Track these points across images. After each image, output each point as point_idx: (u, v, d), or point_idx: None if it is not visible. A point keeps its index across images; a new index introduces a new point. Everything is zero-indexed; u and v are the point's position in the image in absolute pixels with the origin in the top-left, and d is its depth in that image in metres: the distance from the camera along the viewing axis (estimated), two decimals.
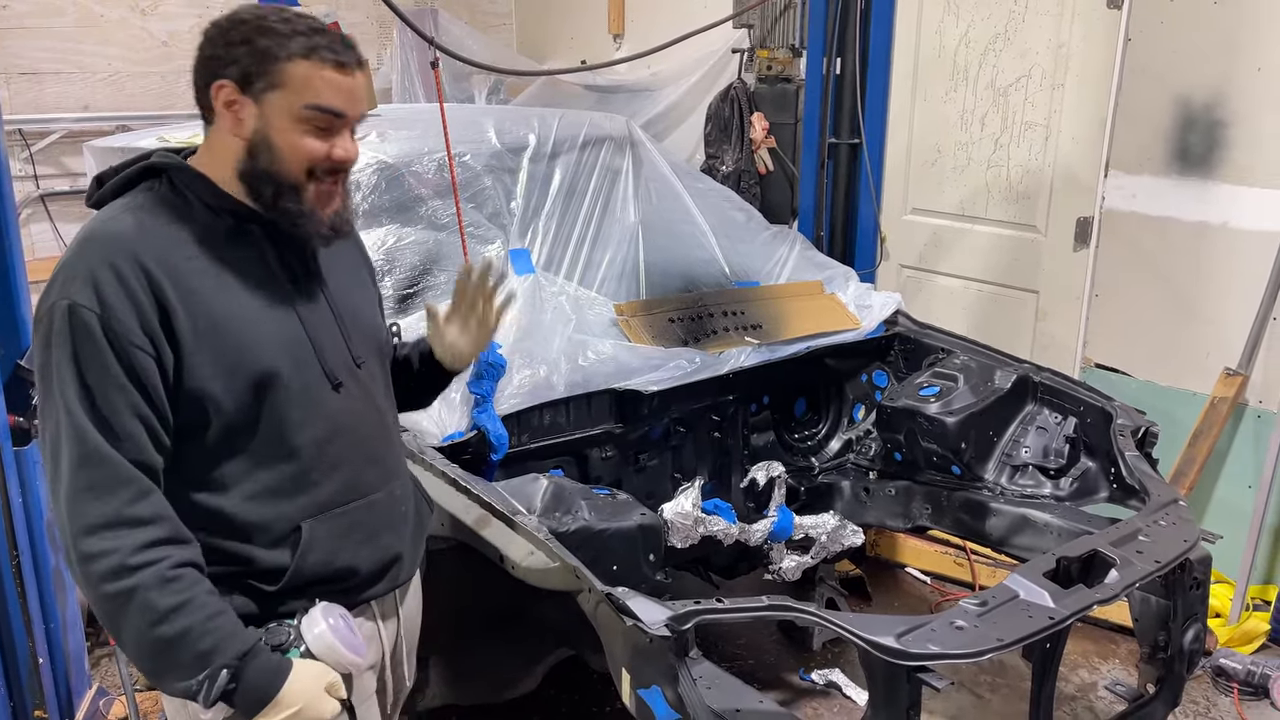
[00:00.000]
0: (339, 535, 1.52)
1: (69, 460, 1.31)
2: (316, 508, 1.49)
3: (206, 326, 1.37)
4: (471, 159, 2.87)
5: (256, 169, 1.41)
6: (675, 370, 2.66)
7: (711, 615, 1.69)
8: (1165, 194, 3.39)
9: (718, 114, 4.62)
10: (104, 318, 1.31)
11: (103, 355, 1.31)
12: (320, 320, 1.51)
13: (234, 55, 1.39)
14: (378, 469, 1.59)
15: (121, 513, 1.31)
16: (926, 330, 3.15)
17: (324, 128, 1.42)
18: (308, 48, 1.40)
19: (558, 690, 2.93)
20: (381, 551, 1.59)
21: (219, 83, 1.39)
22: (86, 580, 1.31)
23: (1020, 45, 3.75)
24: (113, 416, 1.32)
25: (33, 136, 4.52)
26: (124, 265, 1.33)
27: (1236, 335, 3.27)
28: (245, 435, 1.42)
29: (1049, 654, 1.91)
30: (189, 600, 1.33)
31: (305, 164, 1.42)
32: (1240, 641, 3.17)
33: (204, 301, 1.37)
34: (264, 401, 1.42)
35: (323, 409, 1.49)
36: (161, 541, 1.33)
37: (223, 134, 1.42)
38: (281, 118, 1.40)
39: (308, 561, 1.47)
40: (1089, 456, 2.73)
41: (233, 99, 1.40)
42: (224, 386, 1.38)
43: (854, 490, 3.08)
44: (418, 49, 5.08)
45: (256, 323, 1.42)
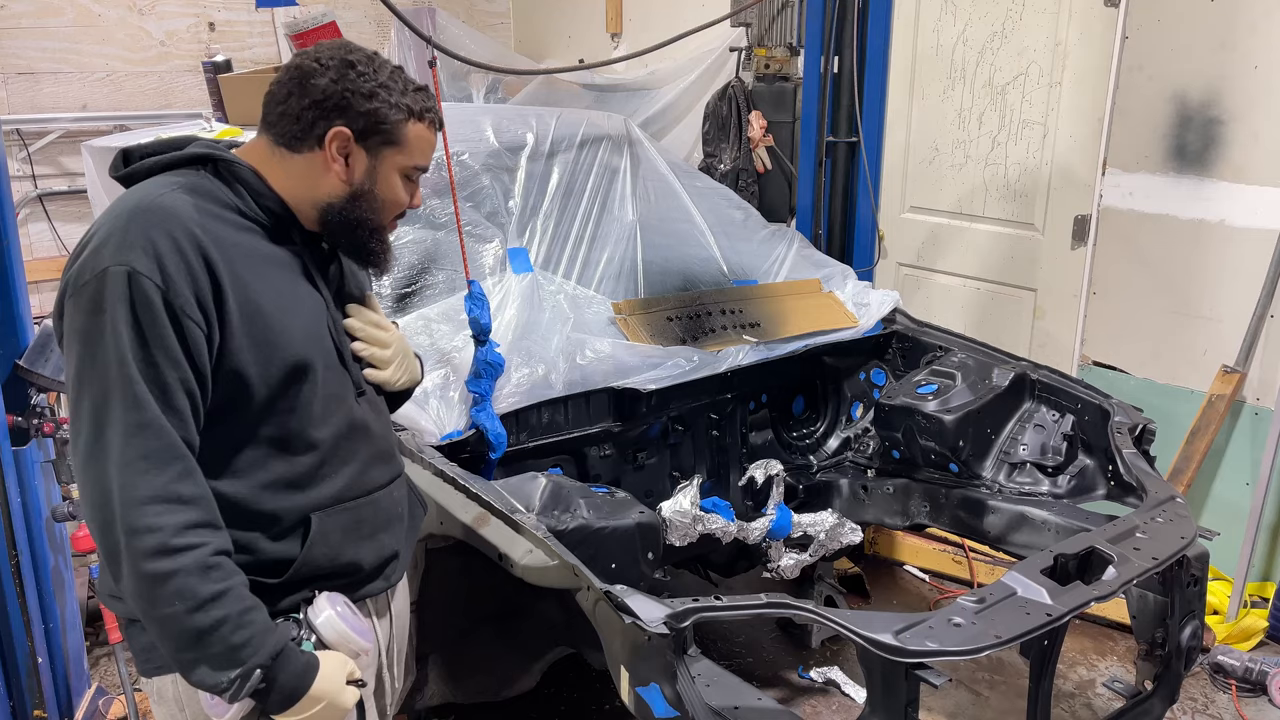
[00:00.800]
0: (345, 529, 1.54)
1: (122, 427, 1.30)
2: (327, 501, 1.51)
3: (251, 311, 1.40)
4: (469, 158, 2.87)
5: (354, 214, 1.50)
6: (673, 369, 2.66)
7: (710, 613, 1.70)
8: (1162, 192, 3.40)
9: (715, 112, 4.62)
10: (165, 289, 1.32)
11: (161, 326, 1.31)
12: (345, 333, 1.59)
13: (357, 106, 1.45)
14: (383, 467, 1.63)
15: (170, 488, 1.31)
16: (924, 328, 3.15)
17: (414, 182, 1.55)
18: (420, 110, 1.50)
19: (557, 688, 2.94)
20: (381, 548, 1.61)
21: (337, 129, 1.45)
22: (129, 553, 1.30)
23: (1018, 43, 3.75)
24: (166, 389, 1.32)
25: (30, 136, 4.52)
26: (182, 239, 1.34)
27: (1234, 333, 3.28)
28: (269, 423, 1.44)
29: (1047, 651, 1.92)
30: (227, 590, 1.33)
31: (395, 213, 1.55)
32: (1238, 638, 3.17)
33: (249, 286, 1.40)
34: (293, 392, 1.45)
35: (344, 406, 1.54)
36: (203, 524, 1.34)
37: (316, 168, 1.47)
38: (391, 173, 1.50)
39: (314, 554, 1.49)
40: (1087, 454, 2.73)
41: (347, 147, 1.46)
42: (259, 372, 1.41)
43: (852, 488, 3.08)
44: (415, 48, 5.08)
45: (294, 316, 1.46)
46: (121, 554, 1.31)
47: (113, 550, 1.32)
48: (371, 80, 1.46)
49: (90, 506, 1.33)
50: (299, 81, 1.46)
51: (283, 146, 1.48)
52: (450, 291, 2.62)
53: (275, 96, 1.48)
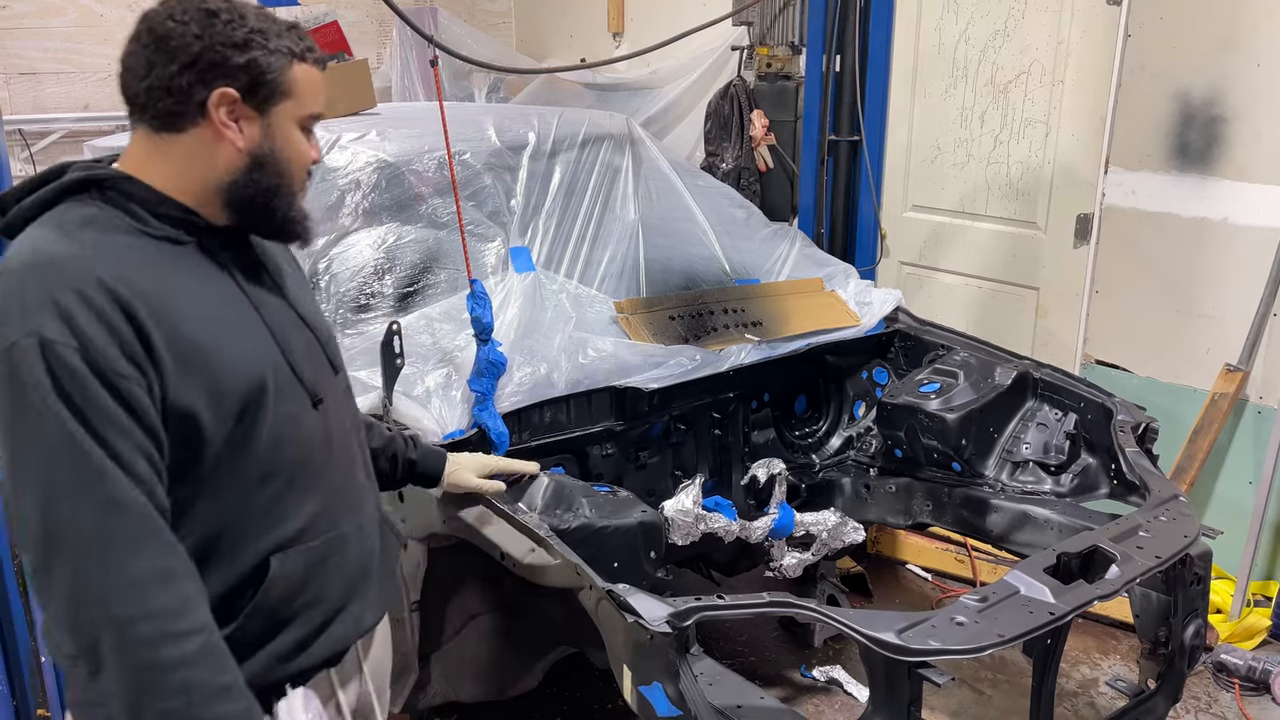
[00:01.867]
0: (309, 570, 1.38)
1: (84, 510, 1.15)
2: (288, 539, 1.36)
3: (185, 348, 1.23)
4: (471, 157, 2.87)
5: (260, 184, 1.32)
6: (675, 368, 2.66)
7: (712, 612, 1.70)
8: (1165, 190, 3.39)
9: (717, 111, 4.62)
10: (84, 351, 1.15)
11: (94, 393, 1.15)
12: (290, 330, 1.40)
13: (234, 60, 1.27)
14: (346, 498, 1.47)
15: (157, 566, 1.18)
16: (927, 327, 3.15)
17: (310, 131, 1.38)
18: (301, 51, 1.32)
19: (559, 687, 2.94)
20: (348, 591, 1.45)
21: (221, 90, 1.26)
22: (121, 647, 1.15)
23: (1020, 42, 3.75)
24: (122, 459, 1.17)
25: (33, 136, 4.52)
26: (89, 289, 1.17)
27: (1237, 331, 3.27)
28: (221, 464, 1.28)
29: (1050, 650, 1.92)
30: (234, 684, 1.22)
31: (303, 171, 1.37)
32: (1241, 637, 3.17)
33: (176, 321, 1.23)
34: (246, 425, 1.29)
35: (301, 429, 1.37)
36: (195, 600, 1.21)
37: (205, 143, 1.28)
38: (288, 128, 1.33)
39: (270, 602, 1.34)
40: (1089, 453, 2.73)
41: (235, 109, 1.28)
42: (212, 413, 1.25)
43: (855, 487, 3.08)
44: (417, 47, 5.08)
45: (233, 340, 1.30)
46: (106, 649, 1.15)
47: (91, 645, 1.16)
48: (242, 26, 1.27)
49: (59, 605, 1.17)
50: (157, 47, 1.25)
51: (165, 131, 1.28)
52: (452, 290, 2.62)
53: (134, 71, 1.27)
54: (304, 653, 1.39)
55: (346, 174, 2.69)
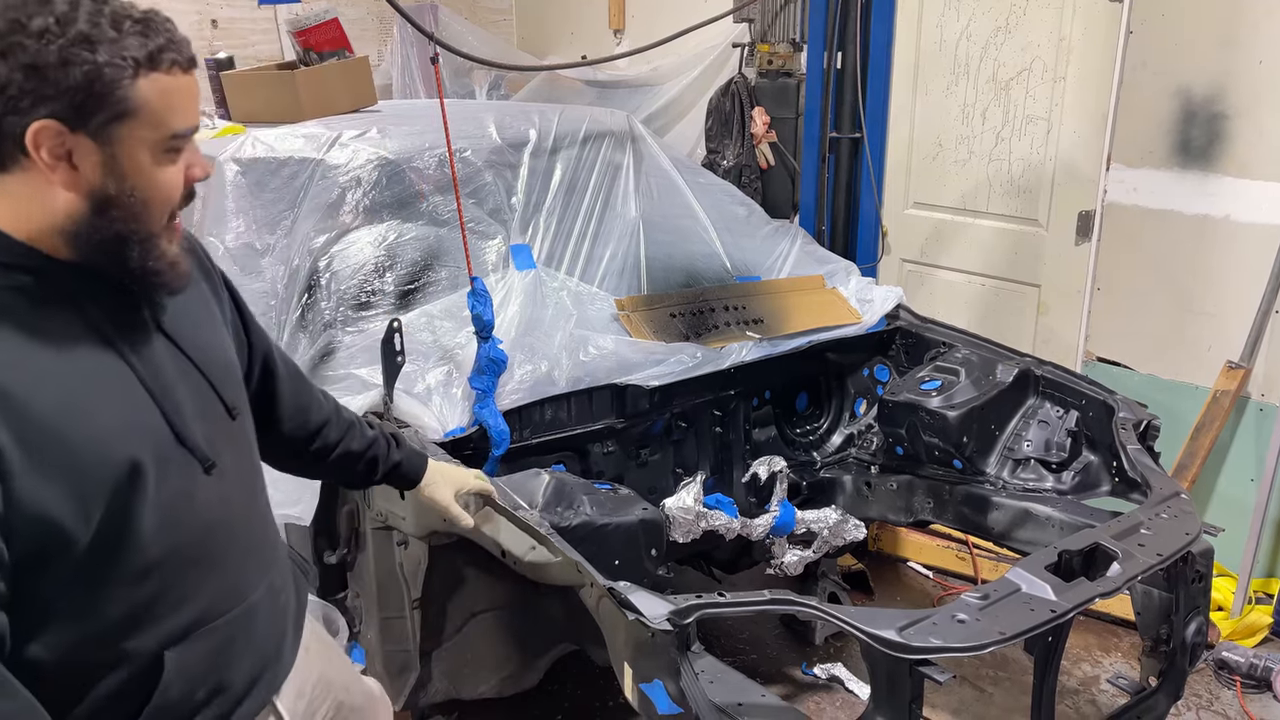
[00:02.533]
0: (211, 654, 1.21)
1: None
2: (183, 629, 1.17)
3: (33, 436, 1.00)
4: (472, 154, 2.87)
5: (108, 231, 1.07)
6: (676, 365, 2.66)
7: (713, 609, 1.70)
8: (1167, 187, 3.39)
9: (718, 109, 4.61)
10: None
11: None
12: (175, 382, 1.17)
13: (51, 82, 1.00)
14: (255, 559, 1.30)
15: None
16: (928, 324, 3.15)
17: (179, 151, 1.11)
18: (148, 54, 1.04)
19: (560, 685, 2.94)
20: (258, 658, 1.30)
21: (37, 125, 1.00)
22: None
23: (1021, 39, 3.74)
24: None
25: None
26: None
27: (1238, 329, 3.27)
28: (92, 557, 1.06)
29: (1051, 647, 1.91)
30: None
31: (169, 206, 1.11)
32: (1243, 635, 3.17)
33: (23, 403, 1.00)
34: (117, 513, 1.08)
35: (195, 505, 1.17)
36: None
37: (36, 185, 1.04)
38: (138, 155, 1.06)
39: (170, 697, 1.16)
40: (1091, 450, 2.72)
41: (62, 142, 1.02)
42: (75, 507, 1.03)
43: (856, 485, 3.08)
44: (418, 45, 5.07)
45: (98, 415, 1.07)
46: None
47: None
48: (59, 37, 0.99)
49: None
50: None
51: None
52: (453, 288, 2.62)
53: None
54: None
55: (347, 171, 2.69)
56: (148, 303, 1.17)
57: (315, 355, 2.42)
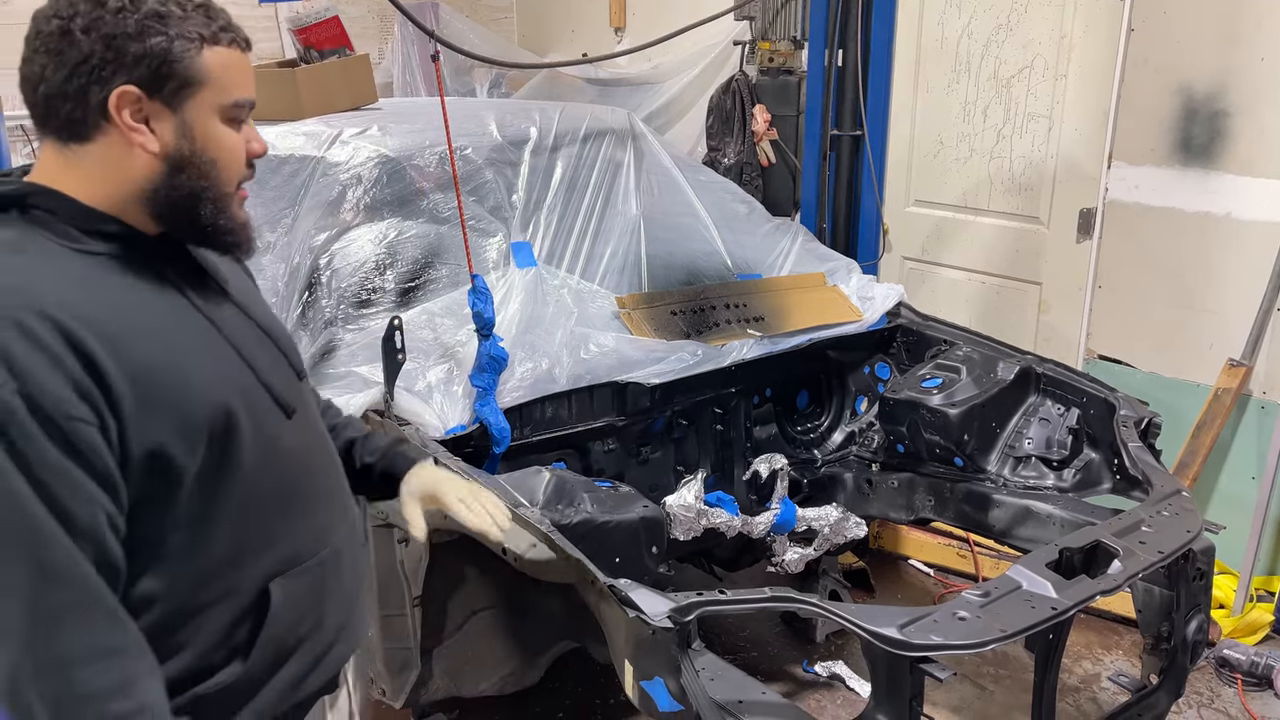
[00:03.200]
0: (307, 592, 1.31)
1: (19, 580, 1.03)
2: (282, 565, 1.27)
3: (141, 376, 1.10)
4: (473, 152, 2.87)
5: (183, 188, 1.18)
6: (677, 363, 2.66)
7: (714, 607, 1.70)
8: (1168, 185, 3.38)
9: (719, 106, 4.61)
10: (25, 393, 1.02)
11: (37, 440, 1.03)
12: (250, 341, 1.28)
13: (131, 52, 1.12)
14: (336, 505, 1.39)
15: (97, 642, 1.06)
16: (929, 322, 3.15)
17: (241, 122, 1.23)
18: (214, 32, 1.18)
19: (561, 682, 2.94)
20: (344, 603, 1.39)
21: (120, 90, 1.12)
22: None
23: (1023, 36, 3.74)
24: (65, 517, 1.04)
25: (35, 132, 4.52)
26: (30, 321, 1.04)
27: (1240, 326, 3.26)
28: (197, 498, 1.17)
29: (1052, 645, 1.92)
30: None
31: (237, 174, 1.23)
32: (1244, 632, 3.17)
33: (130, 347, 1.10)
34: (218, 451, 1.18)
35: (278, 445, 1.27)
36: (141, 676, 1.10)
37: (116, 149, 1.15)
38: (208, 121, 1.18)
39: (277, 631, 1.26)
40: (1092, 448, 2.72)
41: (141, 108, 1.14)
42: (181, 444, 1.13)
43: (856, 482, 3.08)
44: (419, 42, 5.07)
45: (195, 363, 1.18)
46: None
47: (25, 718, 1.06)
48: (134, 12, 1.12)
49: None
50: (46, 48, 1.12)
51: (72, 141, 1.15)
52: (454, 286, 2.62)
53: (29, 79, 1.14)
54: (307, 680, 1.34)
55: (348, 169, 2.69)
56: (214, 274, 1.28)
57: (316, 353, 2.42)
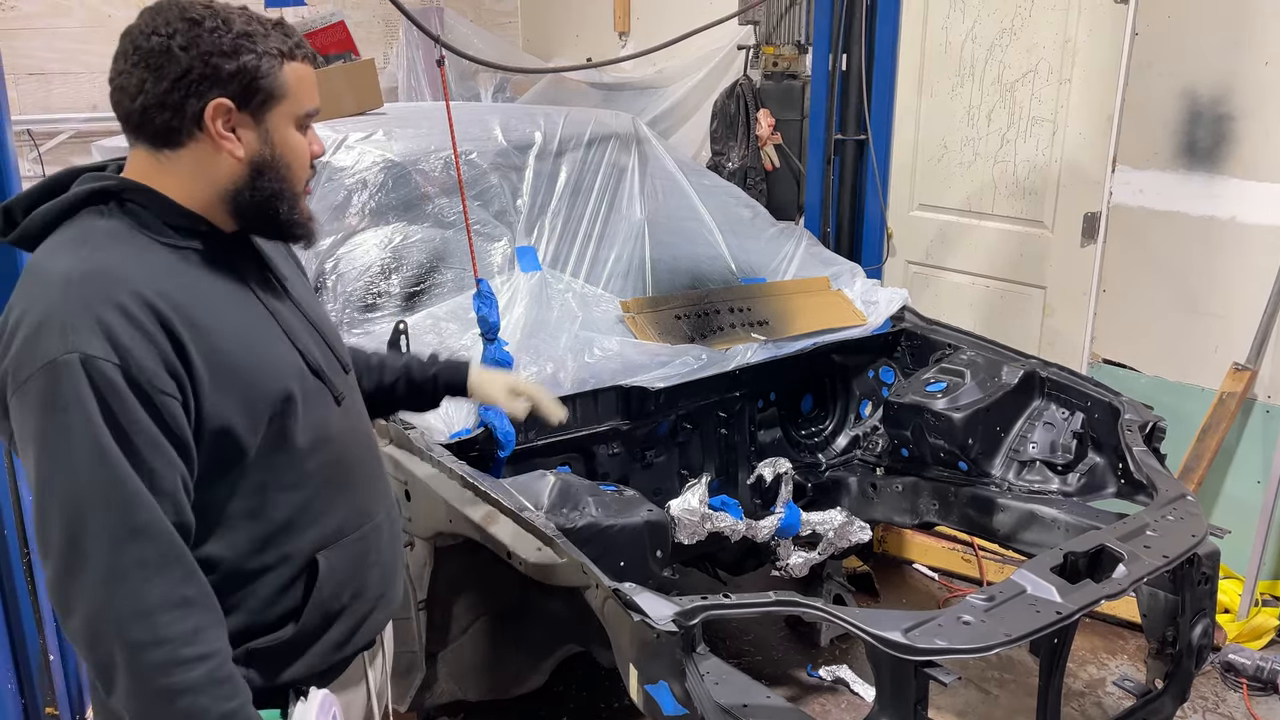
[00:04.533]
0: (351, 562, 1.42)
1: (109, 534, 1.15)
2: (329, 537, 1.39)
3: (218, 360, 1.24)
4: (478, 157, 2.88)
5: (264, 190, 1.31)
6: (682, 367, 2.66)
7: (718, 611, 1.70)
8: (1173, 189, 3.38)
9: (723, 111, 4.61)
10: (125, 367, 1.15)
11: (133, 410, 1.16)
12: (304, 333, 1.41)
13: (225, 69, 1.25)
14: (377, 487, 1.51)
15: (173, 593, 1.18)
16: (933, 326, 3.15)
17: (309, 127, 1.37)
18: (290, 49, 1.31)
19: (565, 686, 2.94)
20: (385, 575, 1.50)
21: (215, 102, 1.25)
22: (131, 669, 1.16)
23: (1027, 40, 3.74)
24: (151, 478, 1.17)
25: (41, 137, 4.54)
26: (130, 304, 1.17)
27: (1245, 330, 3.26)
28: (256, 471, 1.30)
29: (1056, 649, 1.91)
30: (237, 710, 1.22)
31: (305, 172, 1.36)
32: (1249, 637, 3.16)
33: (208, 333, 1.24)
34: (275, 431, 1.31)
35: (328, 429, 1.39)
36: (209, 626, 1.22)
37: (205, 155, 1.28)
38: (286, 130, 1.32)
39: (324, 596, 1.38)
40: (1096, 452, 2.72)
41: (230, 119, 1.27)
42: (246, 423, 1.27)
43: (861, 486, 3.08)
44: (423, 47, 5.09)
45: (260, 346, 1.31)
46: (118, 670, 1.17)
47: (105, 664, 1.18)
48: (227, 32, 1.25)
49: (78, 623, 1.18)
50: (146, 64, 1.24)
51: (165, 148, 1.27)
52: (459, 290, 2.63)
53: (126, 91, 1.27)
54: (350, 641, 1.45)
55: (353, 174, 2.70)
56: (275, 272, 1.41)
57: None
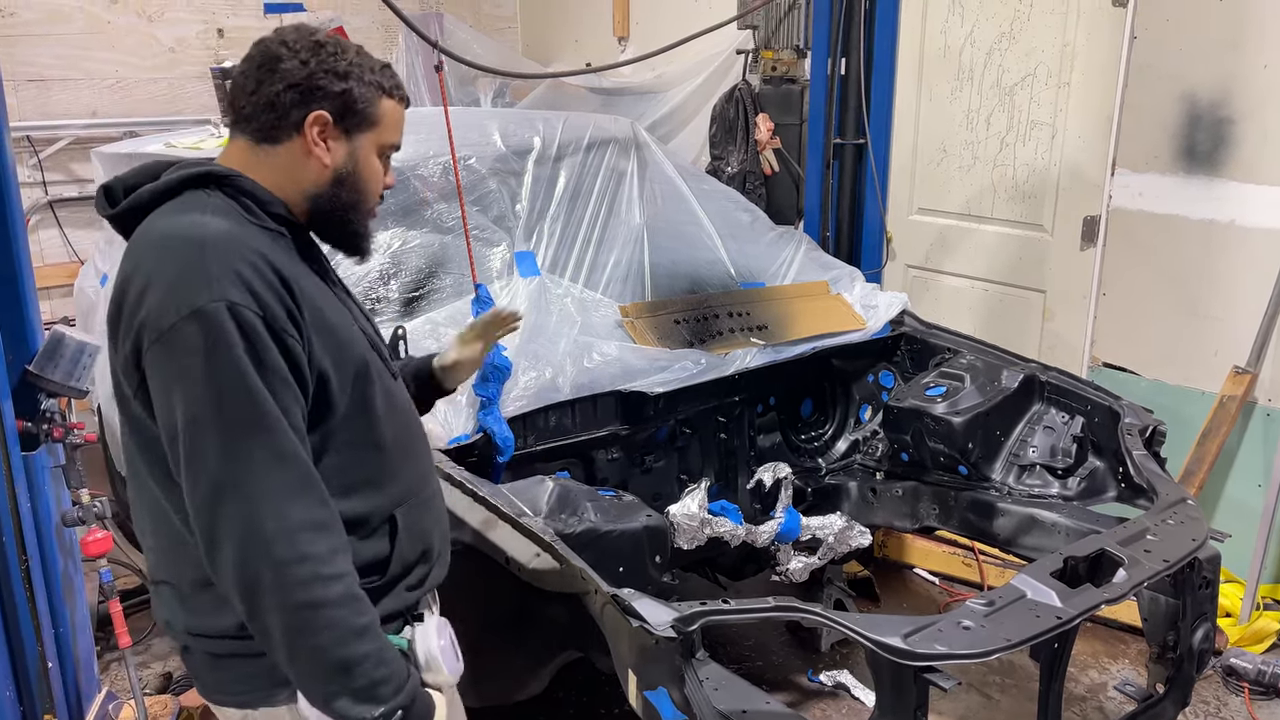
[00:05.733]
0: (421, 519, 1.56)
1: (261, 458, 1.30)
2: (402, 496, 1.53)
3: (318, 322, 1.41)
4: (477, 162, 2.88)
5: (340, 199, 1.47)
6: (681, 372, 2.66)
7: (718, 616, 1.70)
8: (1172, 192, 3.38)
9: (722, 115, 4.61)
10: (264, 314, 1.32)
11: (271, 351, 1.32)
12: (361, 318, 1.58)
13: (332, 88, 1.43)
14: (429, 461, 1.67)
15: (315, 514, 1.32)
16: (933, 330, 3.14)
17: (388, 159, 1.53)
18: (390, 87, 1.48)
19: (565, 692, 2.93)
20: (443, 533, 1.65)
21: (316, 113, 1.42)
22: (279, 584, 1.28)
23: (1026, 44, 3.74)
24: (289, 412, 1.33)
25: (41, 143, 4.54)
26: (259, 261, 1.34)
27: (1245, 333, 3.26)
28: (345, 427, 1.45)
29: (1057, 654, 1.91)
30: (372, 624, 1.34)
31: (377, 195, 1.53)
32: (1251, 641, 3.15)
33: (310, 296, 1.41)
34: (359, 393, 1.46)
35: (396, 400, 1.56)
36: (342, 549, 1.35)
37: (297, 156, 1.44)
38: (369, 154, 1.48)
39: (403, 548, 1.51)
40: (1097, 456, 2.72)
41: (326, 130, 1.44)
42: (337, 376, 1.42)
43: (861, 491, 3.07)
44: (423, 53, 5.09)
45: (342, 318, 1.48)
46: (264, 589, 1.28)
47: (252, 585, 1.29)
48: (343, 60, 1.44)
49: (227, 546, 1.29)
50: (268, 67, 1.42)
51: (264, 142, 1.44)
52: (457, 295, 2.63)
53: (243, 87, 1.44)
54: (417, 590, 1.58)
55: None
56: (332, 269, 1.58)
57: None
